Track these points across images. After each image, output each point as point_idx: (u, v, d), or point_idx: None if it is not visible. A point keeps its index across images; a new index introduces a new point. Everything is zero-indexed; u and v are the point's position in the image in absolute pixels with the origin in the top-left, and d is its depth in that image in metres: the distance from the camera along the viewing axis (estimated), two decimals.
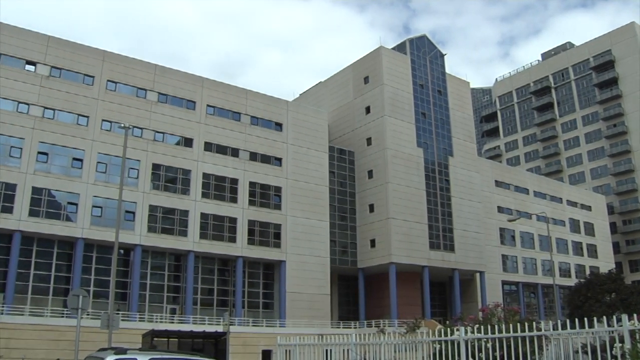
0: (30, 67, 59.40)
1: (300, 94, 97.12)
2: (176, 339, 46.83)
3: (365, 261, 76.30)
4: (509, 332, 14.78)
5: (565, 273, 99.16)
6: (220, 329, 53.10)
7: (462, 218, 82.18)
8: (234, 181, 67.83)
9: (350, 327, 67.88)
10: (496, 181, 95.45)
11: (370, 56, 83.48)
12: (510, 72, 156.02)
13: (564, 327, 14.20)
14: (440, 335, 17.01)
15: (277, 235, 69.28)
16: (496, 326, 15.45)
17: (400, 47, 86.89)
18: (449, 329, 16.87)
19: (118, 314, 45.35)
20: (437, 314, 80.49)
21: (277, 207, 70.19)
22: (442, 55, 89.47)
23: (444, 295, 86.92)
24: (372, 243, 75.92)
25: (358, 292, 77.11)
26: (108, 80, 63.09)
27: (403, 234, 74.90)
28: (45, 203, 57.12)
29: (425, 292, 75.90)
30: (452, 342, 16.32)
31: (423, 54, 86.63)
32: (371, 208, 77.23)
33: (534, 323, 15.25)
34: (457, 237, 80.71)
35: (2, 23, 59.17)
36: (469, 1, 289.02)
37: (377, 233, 75.56)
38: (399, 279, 73.93)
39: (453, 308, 79.07)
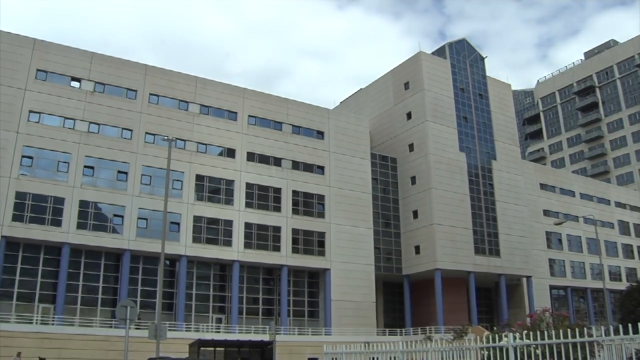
0: (75, 84, 60.92)
1: (341, 102, 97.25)
2: (223, 349, 47.18)
3: (410, 268, 75.78)
4: (559, 338, 14.51)
5: (615, 276, 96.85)
6: (266, 338, 53.41)
7: (507, 222, 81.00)
8: (277, 190, 68.19)
9: (397, 335, 67.64)
10: (541, 184, 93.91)
11: (409, 62, 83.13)
12: (552, 73, 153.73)
13: (616, 332, 13.86)
14: (488, 342, 16.77)
15: (321, 244, 69.29)
16: (545, 332, 15.19)
17: (439, 52, 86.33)
18: (497, 335, 16.64)
19: (165, 324, 45.88)
20: (484, 320, 79.34)
21: (321, 215, 70.26)
22: (482, 59, 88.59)
23: (490, 301, 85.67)
24: (417, 249, 75.35)
25: (404, 299, 76.59)
26: (150, 94, 64.21)
27: (448, 239, 74.19)
28: (92, 216, 58.35)
29: (471, 298, 74.93)
30: (501, 348, 16.09)
31: (463, 58, 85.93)
32: (415, 214, 76.70)
33: (584, 328, 14.91)
34: (502, 241, 79.58)
35: (48, 42, 60.94)
36: (504, 5, 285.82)
37: (422, 239, 75.00)
38: (445, 285, 73.17)
39: (500, 314, 77.82)
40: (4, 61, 57.86)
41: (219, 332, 60.37)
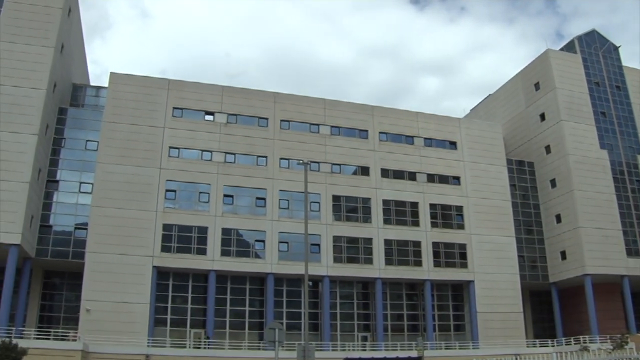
0: (209, 117, 64.25)
1: (471, 110, 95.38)
2: None
3: (557, 275, 72.55)
4: None
5: None
6: (413, 354, 53.02)
7: None
8: (414, 205, 67.66)
9: (548, 345, 64.70)
10: None
11: (538, 61, 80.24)
12: None
13: None
14: None
15: (463, 255, 67.84)
16: None
17: (568, 47, 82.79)
18: None
19: (312, 344, 46.31)
20: None
21: (460, 226, 68.88)
22: (616, 48, 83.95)
23: None
24: (563, 255, 72.08)
25: (553, 308, 73.35)
26: (281, 120, 66.22)
27: (595, 242, 70.35)
28: (234, 242, 60.74)
29: (627, 303, 70.23)
30: None
31: (594, 50, 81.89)
32: (558, 218, 73.50)
33: None
34: None
35: (181, 80, 64.50)
36: None
37: (567, 244, 71.67)
38: (596, 291, 69.33)
39: None
40: (144, 103, 61.99)
41: (365, 350, 60.33)
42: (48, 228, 58.32)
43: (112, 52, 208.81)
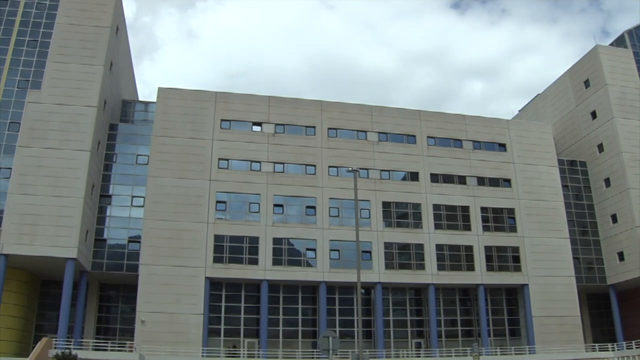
0: (257, 128, 64.89)
1: (519, 111, 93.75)
2: None
3: (615, 276, 70.51)
4: None
5: None
6: None
7: None
8: (465, 209, 66.93)
9: (608, 350, 63.08)
10: None
11: (587, 58, 78.52)
12: None
13: None
14: None
15: (516, 259, 66.63)
16: None
17: (618, 42, 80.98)
18: None
19: (366, 352, 46.09)
20: None
21: (513, 229, 67.71)
22: None
23: None
24: (621, 256, 70.11)
25: (612, 311, 71.36)
26: (329, 128, 66.51)
27: None
28: (286, 251, 61.05)
29: None
30: None
31: None
32: (614, 218, 71.57)
33: None
34: None
35: (228, 92, 65.42)
36: None
37: (625, 244, 69.67)
38: None
39: None
40: (192, 116, 63.19)
41: (419, 357, 59.94)
42: (102, 242, 59.70)
43: (160, 72, 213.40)
